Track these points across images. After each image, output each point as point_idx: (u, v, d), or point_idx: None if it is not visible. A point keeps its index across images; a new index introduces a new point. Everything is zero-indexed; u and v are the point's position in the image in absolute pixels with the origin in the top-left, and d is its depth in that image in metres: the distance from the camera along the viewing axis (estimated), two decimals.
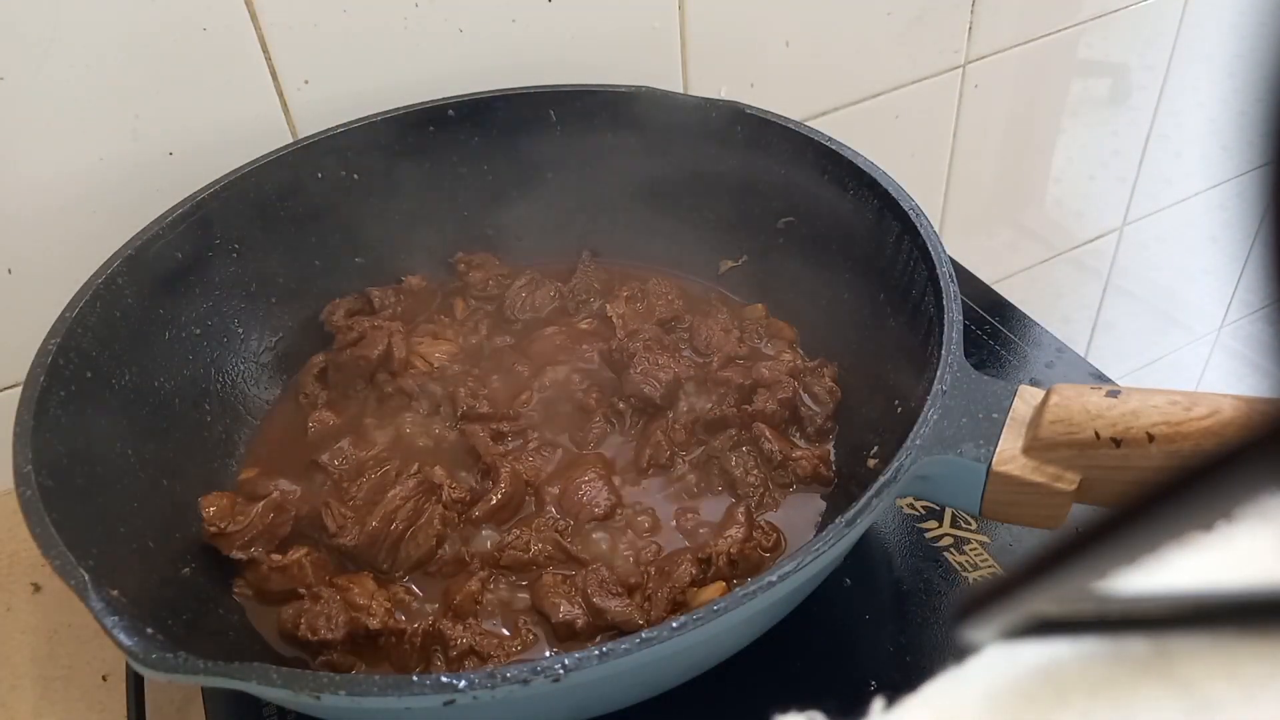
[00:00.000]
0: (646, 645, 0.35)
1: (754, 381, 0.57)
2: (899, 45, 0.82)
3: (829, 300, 0.60)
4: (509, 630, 0.48)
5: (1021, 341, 0.68)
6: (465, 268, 0.66)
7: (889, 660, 0.49)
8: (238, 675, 0.35)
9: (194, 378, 0.57)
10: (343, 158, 0.62)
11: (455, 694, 0.34)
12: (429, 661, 0.47)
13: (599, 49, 0.70)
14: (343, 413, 0.59)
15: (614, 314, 0.63)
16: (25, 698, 0.52)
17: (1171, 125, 1.06)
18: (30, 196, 0.59)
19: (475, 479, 0.54)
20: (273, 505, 0.51)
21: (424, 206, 0.66)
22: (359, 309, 0.64)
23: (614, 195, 0.67)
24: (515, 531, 0.51)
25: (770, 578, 0.36)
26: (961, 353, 0.45)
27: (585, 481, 0.54)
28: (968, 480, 0.42)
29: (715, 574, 0.49)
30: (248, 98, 0.62)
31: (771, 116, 0.60)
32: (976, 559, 0.53)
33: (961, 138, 0.91)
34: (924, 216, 0.52)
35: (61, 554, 0.39)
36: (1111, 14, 0.92)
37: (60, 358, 0.47)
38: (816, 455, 0.54)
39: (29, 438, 0.43)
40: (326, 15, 0.61)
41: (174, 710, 0.52)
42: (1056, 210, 1.07)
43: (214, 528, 0.50)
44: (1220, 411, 0.38)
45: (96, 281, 0.51)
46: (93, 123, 0.58)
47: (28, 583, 0.58)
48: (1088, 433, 0.40)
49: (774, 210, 0.63)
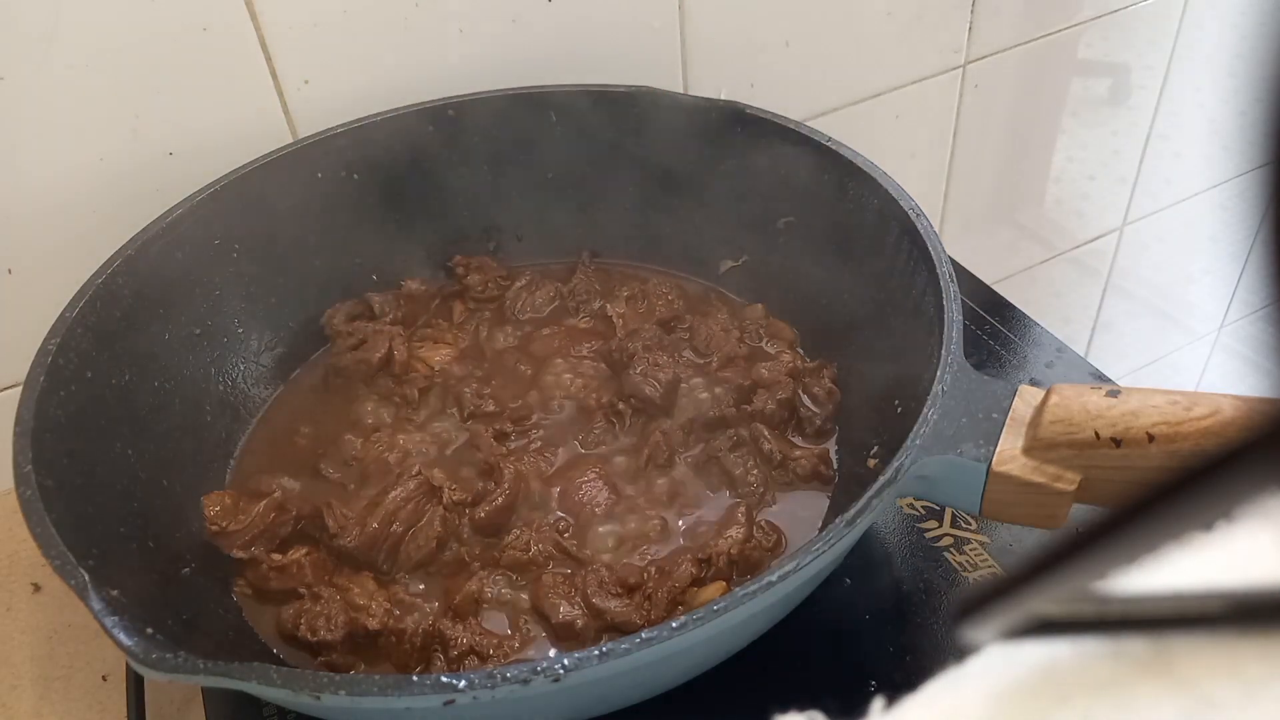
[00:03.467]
0: (646, 645, 0.35)
1: (753, 382, 0.57)
2: (899, 45, 0.82)
3: (829, 300, 0.60)
4: (509, 630, 0.48)
5: (1021, 341, 0.68)
6: (463, 270, 0.66)
7: (889, 660, 0.49)
8: (238, 675, 0.35)
9: (194, 378, 0.57)
10: (343, 158, 0.62)
11: (455, 694, 0.34)
12: (429, 661, 0.47)
13: (599, 49, 0.70)
14: (343, 414, 0.59)
15: (614, 314, 0.63)
16: (25, 698, 0.52)
17: (1171, 125, 1.06)
18: (30, 196, 0.59)
19: (478, 480, 0.54)
20: (274, 505, 0.51)
21: (424, 206, 0.66)
22: (359, 314, 0.64)
23: (614, 195, 0.67)
24: (515, 531, 0.51)
25: (770, 578, 0.36)
26: (961, 353, 0.45)
27: (586, 481, 0.54)
28: (968, 480, 0.42)
29: (715, 574, 0.49)
30: (248, 98, 0.62)
31: (771, 116, 0.60)
32: (976, 559, 0.53)
33: (961, 138, 0.91)
34: (924, 216, 0.52)
35: (61, 554, 0.39)
36: (1111, 14, 0.92)
37: (60, 358, 0.47)
38: (816, 454, 0.54)
39: (29, 438, 0.43)
40: (326, 15, 0.61)
41: (174, 710, 0.52)
42: (1056, 210, 1.07)
43: (215, 527, 0.50)
44: (1220, 411, 0.38)
45: (96, 281, 0.51)
46: (93, 123, 0.58)
47: (28, 583, 0.58)
48: (1088, 433, 0.40)
49: (774, 210, 0.63)
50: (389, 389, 0.60)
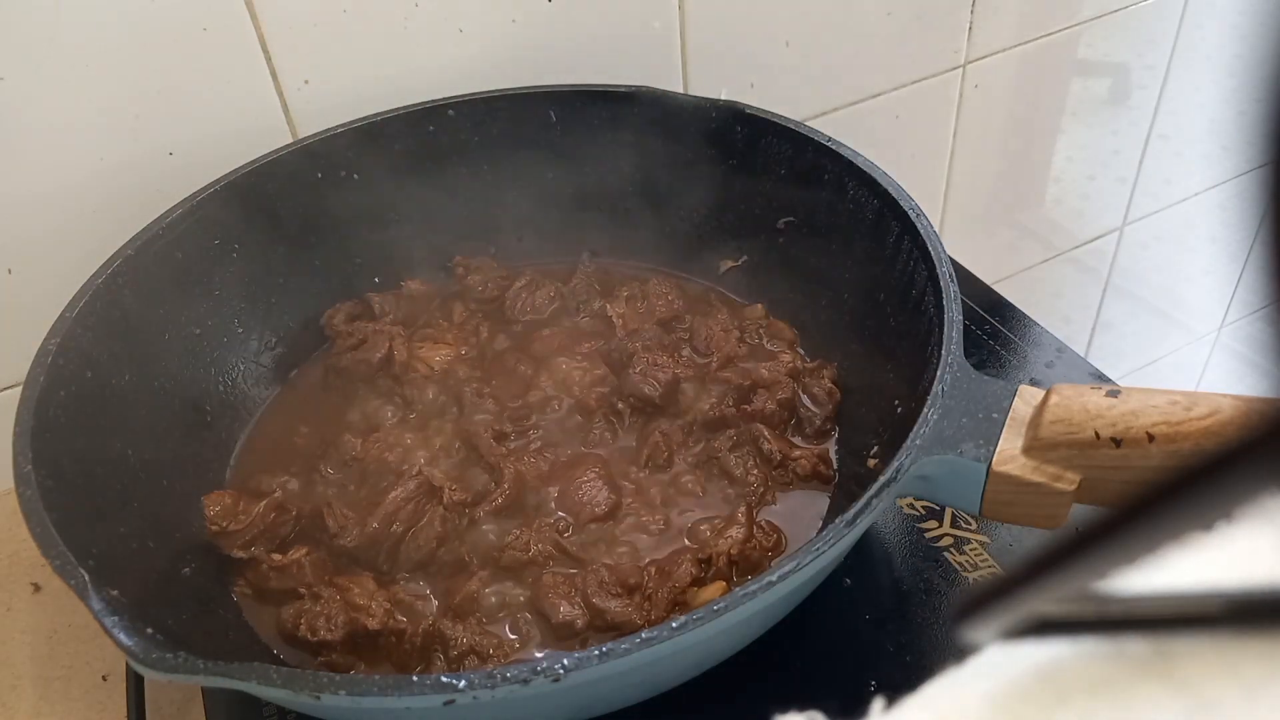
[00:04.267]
0: (646, 645, 0.35)
1: (753, 382, 0.57)
2: (899, 45, 0.82)
3: (829, 300, 0.60)
4: (509, 630, 0.48)
5: (1021, 341, 0.68)
6: (463, 271, 0.66)
7: (889, 660, 0.49)
8: (238, 675, 0.35)
9: (194, 377, 0.57)
10: (343, 158, 0.62)
11: (455, 694, 0.34)
12: (429, 661, 0.47)
13: (599, 49, 0.70)
14: (343, 414, 0.59)
15: (614, 314, 0.63)
16: (25, 698, 0.52)
17: (1171, 125, 1.06)
18: (30, 197, 0.59)
19: (480, 479, 0.54)
20: (274, 505, 0.51)
21: (424, 206, 0.66)
22: (359, 314, 0.64)
23: (614, 195, 0.67)
24: (515, 532, 0.51)
25: (770, 578, 0.36)
26: (961, 353, 0.45)
27: (586, 481, 0.54)
28: (968, 480, 0.42)
29: (715, 574, 0.49)
30: (248, 97, 0.62)
31: (771, 116, 0.60)
32: (976, 559, 0.53)
33: (961, 138, 0.91)
34: (924, 216, 0.52)
35: (61, 554, 0.39)
36: (1111, 14, 0.92)
37: (60, 358, 0.47)
38: (816, 454, 0.54)
39: (29, 438, 0.43)
40: (326, 15, 0.61)
41: (174, 710, 0.52)
42: (1056, 210, 1.07)
43: (216, 527, 0.50)
44: (1220, 411, 0.38)
45: (96, 281, 0.51)
46: (93, 123, 0.58)
47: (28, 583, 0.58)
48: (1088, 433, 0.40)
49: (774, 210, 0.63)
50: (389, 389, 0.60)
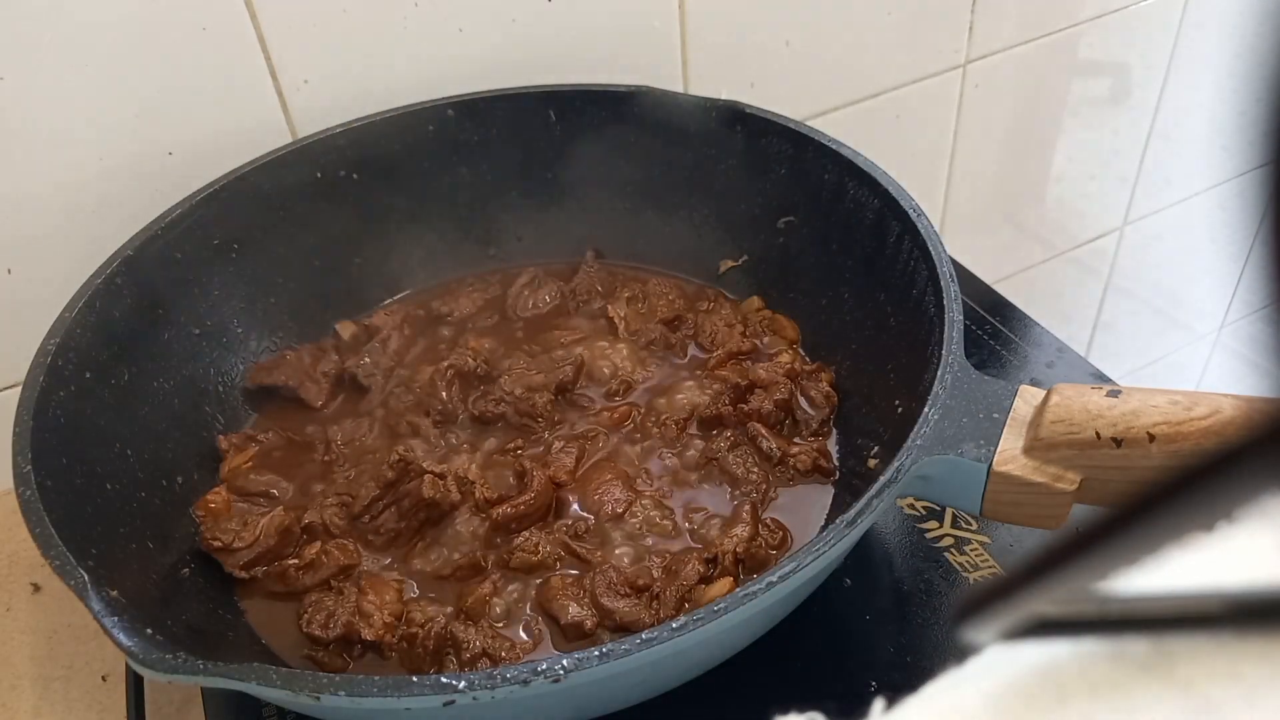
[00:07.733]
0: (647, 645, 0.35)
1: (751, 382, 0.57)
2: (899, 45, 0.82)
3: (829, 300, 0.60)
4: (523, 632, 0.48)
5: (1022, 341, 0.68)
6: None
7: (889, 660, 0.49)
8: (237, 675, 0.35)
9: (194, 378, 0.57)
10: (342, 158, 0.62)
11: (455, 694, 0.34)
12: (442, 664, 0.47)
13: (599, 49, 0.70)
14: (345, 415, 0.59)
15: (615, 314, 0.63)
16: (25, 698, 0.52)
17: (1171, 125, 1.06)
18: (30, 197, 0.59)
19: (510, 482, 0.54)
20: (277, 529, 0.50)
21: (424, 206, 0.66)
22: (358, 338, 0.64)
23: (614, 195, 0.67)
24: (525, 533, 0.51)
25: (770, 578, 0.36)
26: (962, 353, 0.45)
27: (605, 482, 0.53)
28: (968, 480, 0.42)
29: (722, 572, 0.49)
30: (248, 97, 0.62)
31: (771, 116, 0.60)
32: (977, 559, 0.53)
33: (961, 138, 0.91)
34: (924, 216, 0.52)
35: (61, 554, 0.39)
36: (1111, 14, 0.92)
37: (60, 358, 0.47)
38: (815, 449, 0.54)
39: (29, 438, 0.43)
40: (326, 15, 0.61)
41: (174, 710, 0.52)
42: (1056, 210, 1.07)
43: (216, 541, 0.49)
44: (1220, 411, 0.38)
45: (96, 281, 0.51)
46: (93, 122, 0.58)
47: (28, 583, 0.58)
48: (1088, 433, 0.40)
49: (774, 210, 0.63)
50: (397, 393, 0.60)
